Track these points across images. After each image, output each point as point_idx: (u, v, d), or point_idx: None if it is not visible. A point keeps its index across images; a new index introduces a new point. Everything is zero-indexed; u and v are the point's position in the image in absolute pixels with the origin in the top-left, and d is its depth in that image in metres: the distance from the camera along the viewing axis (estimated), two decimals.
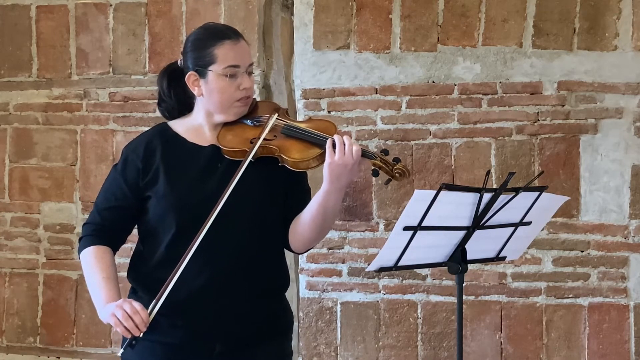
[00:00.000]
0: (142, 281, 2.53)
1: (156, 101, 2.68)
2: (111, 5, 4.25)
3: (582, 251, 3.78)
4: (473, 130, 3.86)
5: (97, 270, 2.48)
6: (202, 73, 2.48)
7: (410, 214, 2.41)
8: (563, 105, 3.77)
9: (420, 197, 2.40)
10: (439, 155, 3.89)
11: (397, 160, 2.46)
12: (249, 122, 2.53)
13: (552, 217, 3.03)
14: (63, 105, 4.30)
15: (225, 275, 2.45)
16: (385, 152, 2.48)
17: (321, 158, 2.44)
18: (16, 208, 4.37)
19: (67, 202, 4.29)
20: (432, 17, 3.89)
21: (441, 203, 2.41)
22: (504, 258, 2.80)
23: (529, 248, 3.50)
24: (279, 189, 2.53)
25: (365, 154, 2.43)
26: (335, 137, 2.40)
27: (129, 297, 2.54)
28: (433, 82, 3.89)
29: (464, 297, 3.34)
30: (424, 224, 2.44)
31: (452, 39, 3.88)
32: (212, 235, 2.39)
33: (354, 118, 3.96)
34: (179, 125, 2.57)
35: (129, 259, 2.59)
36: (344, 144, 2.38)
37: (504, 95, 3.82)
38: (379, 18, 3.94)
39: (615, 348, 3.73)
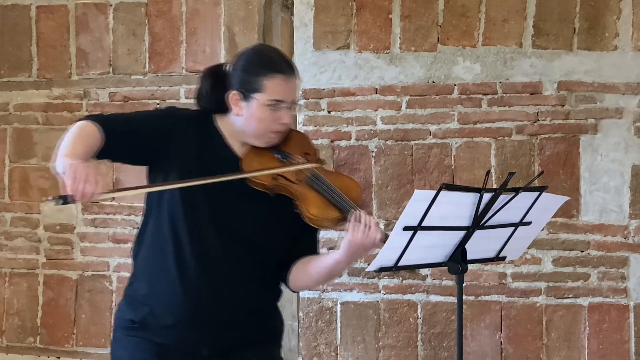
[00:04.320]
0: (141, 267, 2.53)
1: (156, 101, 2.68)
2: (111, 5, 4.25)
3: (582, 251, 3.78)
4: (473, 130, 3.86)
5: (80, 135, 2.33)
6: (245, 96, 2.45)
7: (410, 214, 2.41)
8: (563, 105, 3.77)
9: (420, 197, 2.40)
10: (439, 155, 3.89)
11: None
12: (279, 155, 2.52)
13: (552, 217, 3.03)
14: (63, 105, 4.30)
15: (221, 287, 2.46)
16: None
17: (336, 221, 2.45)
18: (16, 208, 4.36)
19: None
20: (432, 17, 3.89)
21: (441, 203, 2.40)
22: (504, 258, 2.79)
23: (529, 248, 3.50)
24: (289, 227, 2.52)
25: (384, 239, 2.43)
26: (362, 215, 2.40)
27: (126, 288, 2.58)
28: (433, 82, 3.89)
29: (464, 297, 3.34)
30: (424, 224, 2.44)
31: (452, 39, 3.88)
32: (214, 248, 2.43)
33: (354, 118, 3.96)
34: (220, 123, 2.54)
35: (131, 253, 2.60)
36: (368, 227, 2.38)
37: (504, 95, 3.82)
38: (379, 18, 3.94)
39: (615, 348, 3.73)
